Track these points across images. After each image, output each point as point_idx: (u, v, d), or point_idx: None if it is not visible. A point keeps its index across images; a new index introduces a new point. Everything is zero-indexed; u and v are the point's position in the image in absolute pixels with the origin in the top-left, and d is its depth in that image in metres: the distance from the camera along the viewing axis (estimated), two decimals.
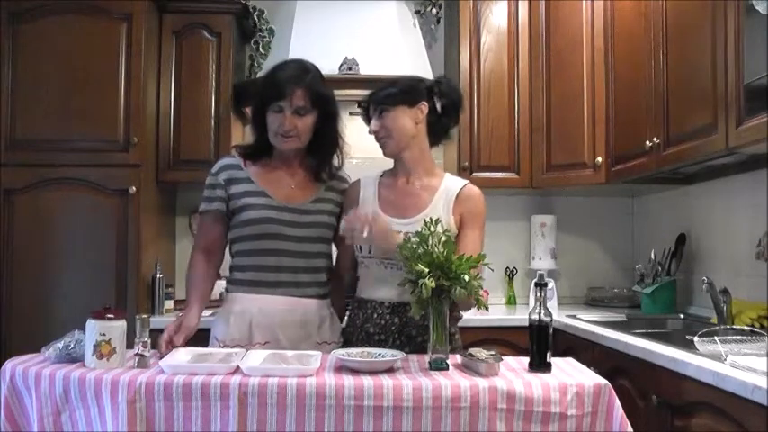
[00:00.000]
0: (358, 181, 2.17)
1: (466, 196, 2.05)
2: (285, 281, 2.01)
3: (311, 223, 2.05)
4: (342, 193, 2.16)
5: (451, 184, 2.08)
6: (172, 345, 1.87)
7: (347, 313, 2.15)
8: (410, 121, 2.04)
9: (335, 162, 2.15)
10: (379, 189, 2.11)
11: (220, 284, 2.17)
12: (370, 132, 2.08)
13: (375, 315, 2.02)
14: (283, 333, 1.99)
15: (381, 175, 2.15)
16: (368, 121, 2.10)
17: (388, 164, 2.19)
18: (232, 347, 1.93)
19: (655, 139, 2.61)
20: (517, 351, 2.59)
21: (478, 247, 1.98)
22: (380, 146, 2.08)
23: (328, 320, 2.09)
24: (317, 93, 2.03)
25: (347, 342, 2.06)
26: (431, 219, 1.79)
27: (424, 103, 2.05)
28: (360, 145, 2.18)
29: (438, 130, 2.10)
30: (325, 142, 2.10)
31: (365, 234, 1.82)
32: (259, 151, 2.10)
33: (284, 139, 2.02)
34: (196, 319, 1.98)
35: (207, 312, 2.10)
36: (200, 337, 2.07)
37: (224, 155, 2.17)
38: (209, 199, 2.07)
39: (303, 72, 2.04)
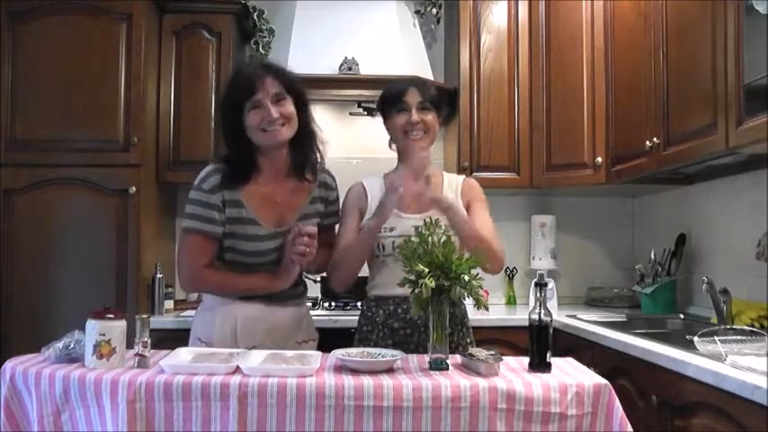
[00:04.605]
0: (359, 183, 2.17)
1: (469, 185, 2.19)
2: (263, 294, 2.02)
3: None
4: (325, 201, 2.13)
5: (452, 178, 2.21)
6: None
7: (362, 313, 2.15)
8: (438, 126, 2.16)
9: (317, 157, 2.09)
10: (385, 185, 2.08)
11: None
12: (406, 122, 2.06)
13: (399, 311, 2.04)
14: (267, 337, 2.00)
15: (385, 175, 2.17)
16: (382, 109, 2.12)
17: (387, 163, 2.19)
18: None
19: (655, 139, 2.61)
20: (517, 351, 2.59)
21: (491, 224, 2.10)
22: (412, 137, 2.07)
23: (305, 320, 2.14)
24: (288, 77, 1.98)
25: (365, 341, 2.07)
26: (431, 219, 1.79)
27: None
28: (360, 145, 2.18)
29: None
30: (305, 132, 2.04)
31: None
32: (244, 172, 2.00)
33: (273, 129, 1.93)
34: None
35: (188, 312, 2.10)
36: (181, 338, 2.09)
37: (210, 167, 2.01)
38: (206, 219, 1.95)
39: (266, 64, 2.04)
